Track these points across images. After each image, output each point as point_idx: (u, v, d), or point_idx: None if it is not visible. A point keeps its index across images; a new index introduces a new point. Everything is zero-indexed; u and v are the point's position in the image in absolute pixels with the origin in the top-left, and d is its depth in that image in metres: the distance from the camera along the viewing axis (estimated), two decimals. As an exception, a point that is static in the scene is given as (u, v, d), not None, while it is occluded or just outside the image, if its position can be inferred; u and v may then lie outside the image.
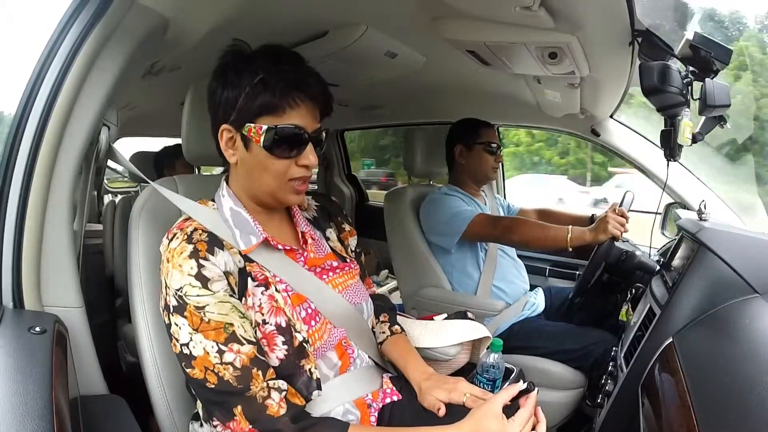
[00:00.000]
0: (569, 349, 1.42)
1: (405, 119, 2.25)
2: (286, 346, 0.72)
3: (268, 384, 0.68)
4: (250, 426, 0.66)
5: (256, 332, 0.72)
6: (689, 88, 1.04)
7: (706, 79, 1.01)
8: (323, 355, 0.81)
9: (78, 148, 0.80)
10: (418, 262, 1.65)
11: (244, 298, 0.72)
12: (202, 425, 0.80)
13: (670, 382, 0.72)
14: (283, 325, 0.73)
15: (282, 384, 0.69)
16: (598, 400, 1.15)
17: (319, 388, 0.75)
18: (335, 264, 0.88)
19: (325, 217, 0.96)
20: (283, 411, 0.67)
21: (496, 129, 2.02)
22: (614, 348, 1.28)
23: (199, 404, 0.80)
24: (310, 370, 0.75)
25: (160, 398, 0.83)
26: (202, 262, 0.68)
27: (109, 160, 2.15)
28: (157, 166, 2.18)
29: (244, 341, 0.68)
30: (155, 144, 2.65)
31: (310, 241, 0.85)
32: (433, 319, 1.19)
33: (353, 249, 0.98)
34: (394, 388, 0.90)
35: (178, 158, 2.16)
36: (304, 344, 0.74)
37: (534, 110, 1.87)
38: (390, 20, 1.22)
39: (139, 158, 2.31)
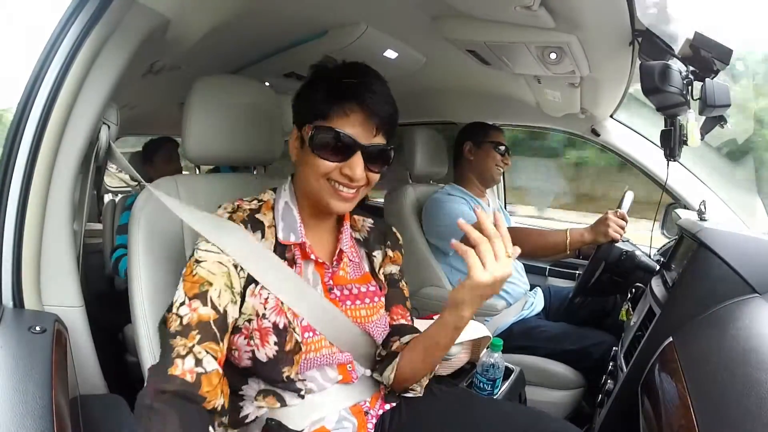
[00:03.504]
0: (569, 348, 1.42)
1: (405, 119, 2.25)
2: (276, 347, 0.72)
3: (192, 347, 0.63)
4: (152, 370, 0.64)
5: (251, 321, 0.72)
6: (689, 88, 1.04)
7: (706, 79, 1.01)
8: (321, 367, 0.78)
9: (78, 148, 0.80)
10: (418, 262, 1.65)
11: (254, 284, 0.73)
12: None
13: (670, 382, 0.72)
14: (281, 326, 0.72)
15: (208, 363, 0.64)
16: (598, 400, 1.15)
17: (300, 396, 0.75)
18: (364, 290, 0.84)
19: (377, 239, 0.92)
20: (181, 377, 0.61)
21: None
22: (614, 348, 1.28)
23: None
24: (288, 377, 0.73)
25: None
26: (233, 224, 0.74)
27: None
28: (141, 163, 2.20)
29: (208, 303, 0.66)
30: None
31: (345, 260, 0.84)
32: (433, 319, 1.19)
33: (391, 273, 0.92)
34: (392, 396, 0.87)
35: (156, 153, 2.16)
36: (296, 349, 0.73)
37: (534, 110, 1.87)
38: (390, 19, 1.22)
39: (137, 158, 2.32)
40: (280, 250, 0.77)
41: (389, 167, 0.79)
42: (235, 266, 0.72)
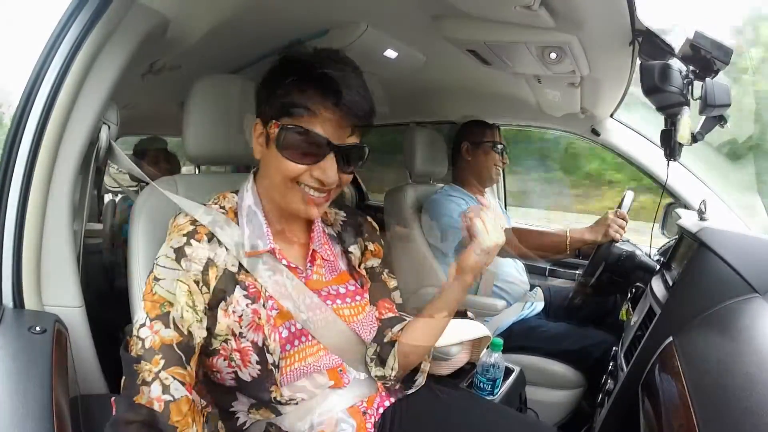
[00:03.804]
0: (569, 348, 1.42)
1: (405, 118, 2.25)
2: (259, 366, 0.69)
3: (158, 373, 0.60)
4: (117, 400, 0.61)
5: (228, 341, 0.68)
6: (689, 87, 1.04)
7: (707, 79, 1.01)
8: (309, 375, 0.75)
9: (78, 148, 0.80)
10: (418, 262, 1.65)
11: (224, 302, 0.68)
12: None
13: (670, 382, 0.72)
14: (260, 344, 0.69)
15: (176, 390, 0.60)
16: (598, 400, 1.15)
17: (294, 403, 0.73)
18: (343, 291, 0.81)
19: (352, 232, 0.88)
20: (148, 408, 0.58)
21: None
22: (614, 347, 1.28)
23: None
24: (275, 398, 0.71)
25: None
26: (191, 241, 0.67)
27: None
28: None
29: (170, 325, 0.62)
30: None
31: (318, 261, 0.80)
32: (433, 319, 1.19)
33: (372, 267, 0.89)
34: (388, 392, 0.86)
35: (143, 157, 2.15)
36: (273, 368, 0.69)
37: (534, 109, 1.86)
38: (390, 19, 1.22)
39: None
40: (244, 268, 0.71)
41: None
42: (197, 282, 0.66)
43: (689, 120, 1.10)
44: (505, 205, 2.32)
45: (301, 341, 0.74)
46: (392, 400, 0.84)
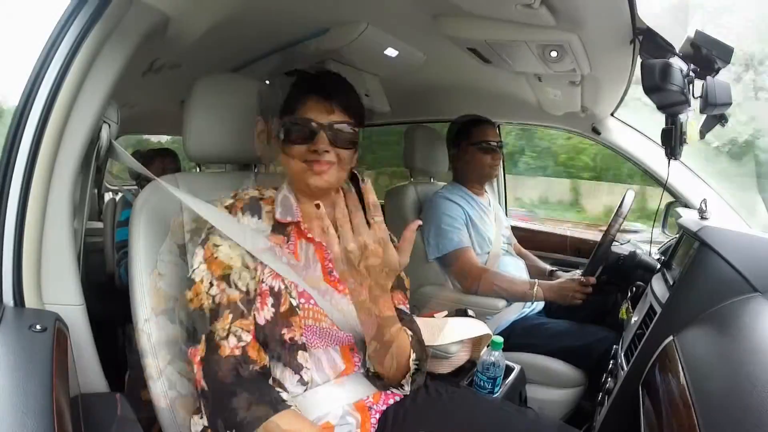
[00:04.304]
0: (570, 346, 1.42)
1: (405, 117, 2.25)
2: (273, 309, 0.77)
3: (229, 328, 0.73)
4: (202, 354, 0.73)
5: (256, 288, 0.78)
6: (690, 86, 1.04)
7: (708, 78, 1.01)
8: (326, 349, 0.82)
9: (78, 146, 0.80)
10: (419, 260, 1.65)
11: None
12: (202, 416, 0.80)
13: (670, 381, 0.72)
14: (276, 289, 0.78)
15: (245, 335, 0.74)
16: (599, 399, 1.15)
17: (305, 350, 0.79)
18: None
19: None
20: (233, 355, 0.72)
21: (497, 127, 2.02)
22: (615, 346, 1.28)
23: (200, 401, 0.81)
24: (292, 338, 0.77)
25: (162, 396, 0.83)
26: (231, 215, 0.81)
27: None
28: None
29: (233, 285, 0.75)
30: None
31: None
32: (434, 317, 1.19)
33: None
34: (395, 390, 0.87)
35: (149, 165, 2.13)
36: (291, 312, 0.78)
37: (535, 108, 1.86)
38: (390, 18, 1.22)
39: (135, 157, 2.31)
40: (279, 229, 0.84)
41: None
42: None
43: (694, 120, 1.10)
44: (506, 205, 2.32)
45: (314, 304, 0.81)
46: (396, 398, 0.86)
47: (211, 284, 0.75)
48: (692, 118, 1.09)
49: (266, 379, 0.75)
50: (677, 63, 1.01)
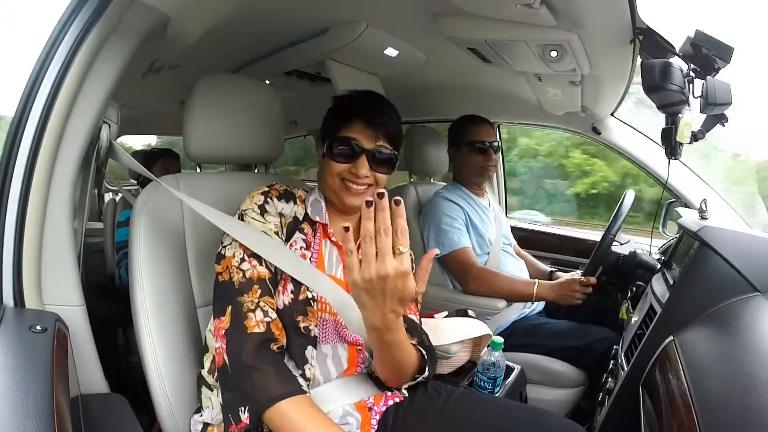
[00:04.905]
0: (570, 346, 1.42)
1: (405, 117, 2.25)
2: (292, 296, 0.81)
3: (258, 302, 0.77)
4: (227, 327, 0.75)
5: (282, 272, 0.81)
6: (690, 86, 1.04)
7: (707, 77, 1.00)
8: (334, 344, 0.84)
9: (78, 147, 0.80)
10: (419, 261, 1.64)
11: (289, 242, 0.85)
12: (201, 414, 0.82)
13: (670, 381, 0.72)
14: (296, 278, 0.81)
15: (271, 312, 0.78)
16: (599, 399, 1.15)
17: (314, 346, 0.81)
18: None
19: None
20: (258, 330, 0.75)
21: (497, 127, 2.02)
22: (615, 346, 1.28)
23: (200, 399, 0.82)
24: (306, 327, 0.80)
25: (162, 397, 0.83)
26: (268, 199, 0.86)
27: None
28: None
29: (263, 263, 0.80)
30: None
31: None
32: (433, 317, 1.19)
33: None
34: (397, 391, 0.89)
35: (152, 166, 2.12)
36: (308, 302, 0.81)
37: (535, 108, 1.86)
38: (390, 18, 1.22)
39: (137, 157, 2.31)
40: (309, 221, 0.89)
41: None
42: (276, 233, 0.84)
43: (689, 120, 1.09)
44: (506, 205, 2.32)
45: (323, 303, 0.84)
46: (396, 399, 0.86)
47: (242, 259, 0.79)
48: (687, 119, 1.09)
49: (284, 360, 0.78)
50: (677, 63, 1.01)
